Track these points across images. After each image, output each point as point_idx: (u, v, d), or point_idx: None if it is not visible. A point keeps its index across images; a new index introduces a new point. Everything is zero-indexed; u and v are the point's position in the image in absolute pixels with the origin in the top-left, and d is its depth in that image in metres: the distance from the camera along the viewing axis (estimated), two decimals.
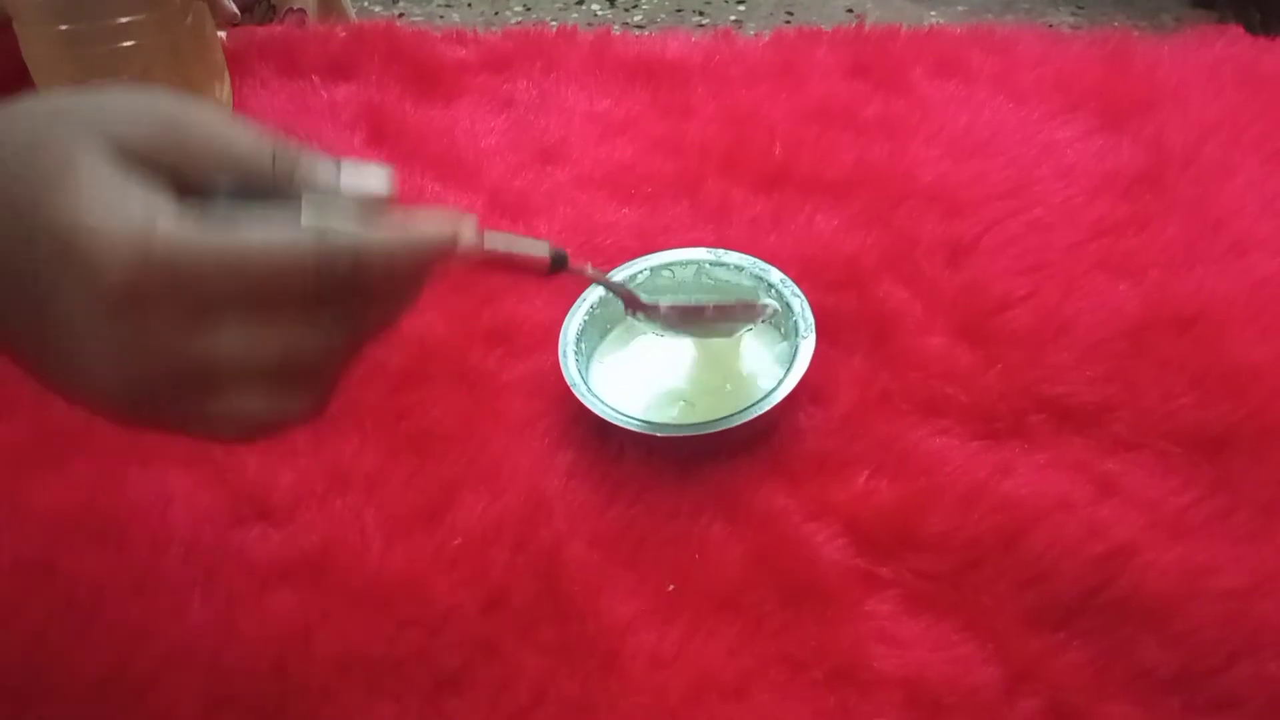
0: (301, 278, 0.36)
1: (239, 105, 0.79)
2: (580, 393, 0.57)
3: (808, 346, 0.57)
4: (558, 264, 0.47)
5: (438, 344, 0.63)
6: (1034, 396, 0.58)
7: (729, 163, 0.74)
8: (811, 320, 0.58)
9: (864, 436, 0.58)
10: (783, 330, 0.61)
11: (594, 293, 0.62)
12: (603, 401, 0.57)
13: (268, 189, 0.38)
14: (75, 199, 0.35)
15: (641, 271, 0.63)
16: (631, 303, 0.56)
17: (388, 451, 0.59)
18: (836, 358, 0.61)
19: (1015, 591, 0.51)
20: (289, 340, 0.37)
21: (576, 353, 0.59)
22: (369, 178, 0.39)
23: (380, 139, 0.77)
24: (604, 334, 0.63)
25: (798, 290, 0.60)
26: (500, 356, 0.63)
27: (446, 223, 0.39)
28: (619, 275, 0.63)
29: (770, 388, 0.56)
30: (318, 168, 0.39)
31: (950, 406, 0.58)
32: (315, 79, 0.81)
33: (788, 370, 0.57)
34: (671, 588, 0.52)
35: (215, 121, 0.38)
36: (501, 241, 0.44)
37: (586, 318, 0.61)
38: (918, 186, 0.70)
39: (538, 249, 0.46)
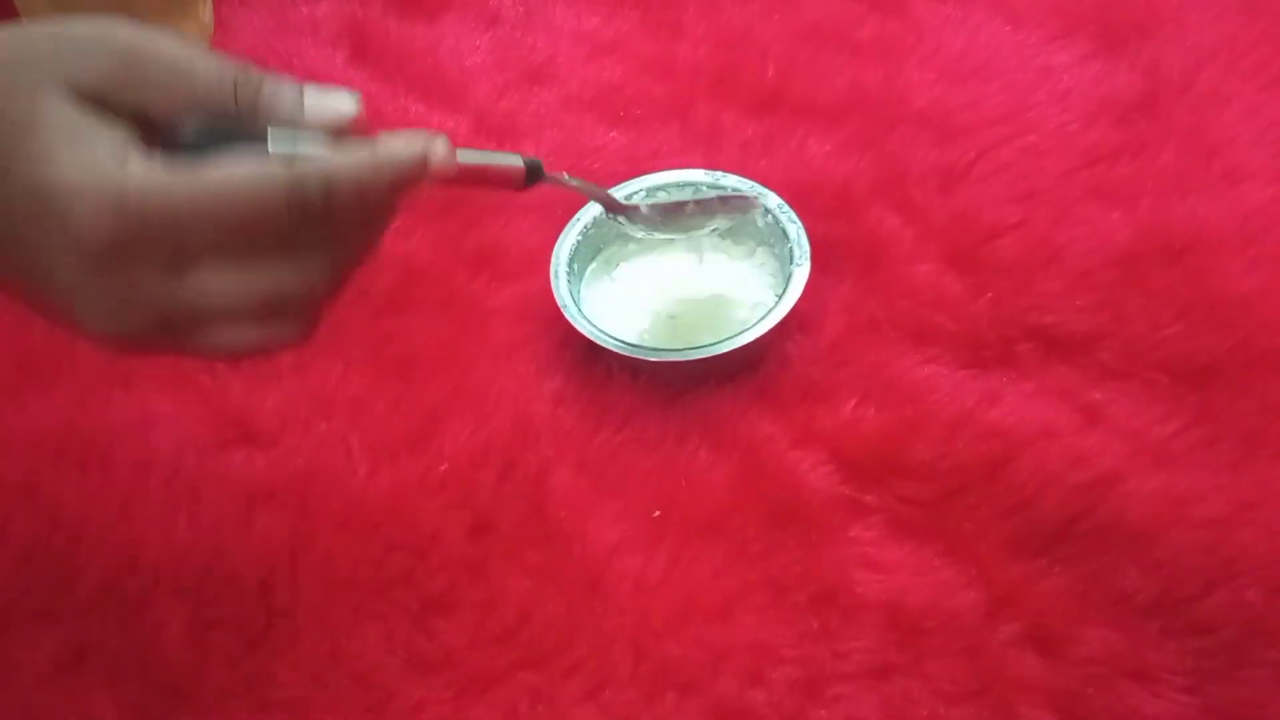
0: (275, 210, 0.36)
1: (220, 24, 0.77)
2: (571, 315, 0.57)
3: (801, 274, 0.57)
4: (533, 173, 0.46)
5: (422, 269, 0.63)
6: (1022, 325, 0.58)
7: (720, 85, 0.73)
8: (807, 248, 0.58)
9: (851, 364, 0.58)
10: (777, 255, 0.60)
11: (587, 214, 0.61)
12: (592, 324, 0.56)
13: (232, 120, 0.37)
14: (44, 156, 0.35)
15: (637, 192, 0.62)
16: (611, 206, 0.56)
17: (373, 376, 0.58)
18: (826, 285, 0.60)
19: (998, 518, 0.51)
20: (271, 275, 0.37)
21: (569, 274, 0.59)
22: (334, 101, 0.38)
23: (362, 57, 0.75)
24: (595, 256, 0.62)
25: (794, 217, 0.59)
26: (486, 281, 0.62)
27: (417, 142, 0.39)
28: (616, 195, 0.62)
29: (761, 314, 0.56)
30: (281, 94, 0.38)
31: (938, 335, 0.58)
32: None
33: (780, 297, 0.56)
34: (657, 514, 0.53)
35: (173, 52, 0.37)
36: (475, 157, 0.44)
37: (579, 238, 0.60)
38: (911, 111, 0.69)
39: (512, 160, 0.45)
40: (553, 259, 0.59)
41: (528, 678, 0.48)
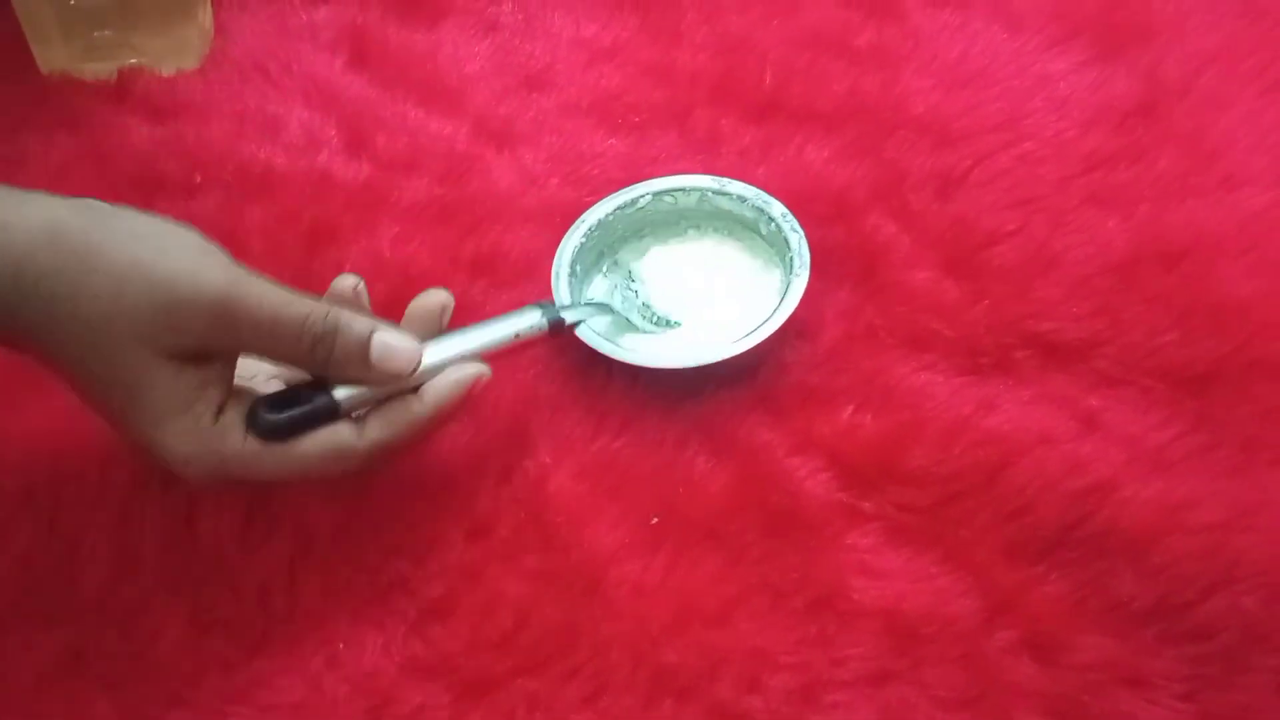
0: (346, 470, 0.48)
1: (219, 29, 0.77)
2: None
3: (800, 284, 0.57)
4: (556, 329, 0.53)
5: (421, 274, 0.63)
6: (1020, 332, 0.58)
7: (719, 92, 0.73)
8: (808, 258, 0.58)
9: (849, 370, 0.58)
10: (778, 263, 0.60)
11: (592, 216, 0.61)
12: (591, 329, 0.57)
13: (309, 368, 0.48)
14: (156, 421, 0.44)
15: (643, 196, 0.63)
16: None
17: None
18: (823, 291, 0.60)
19: (995, 525, 0.51)
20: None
21: (570, 276, 0.59)
22: (397, 357, 0.47)
23: (361, 63, 0.75)
24: (599, 259, 0.62)
25: (797, 225, 0.60)
26: (484, 287, 0.62)
27: (464, 379, 0.49)
28: (622, 198, 0.62)
29: (759, 322, 0.56)
30: (351, 353, 0.46)
31: (936, 341, 0.58)
32: (295, 0, 0.79)
33: (778, 306, 0.56)
34: (655, 520, 0.53)
35: (260, 312, 0.44)
36: (502, 333, 0.52)
37: (583, 240, 0.61)
38: (909, 117, 0.69)
39: (533, 320, 0.52)
40: (555, 260, 0.59)
41: (525, 683, 0.48)
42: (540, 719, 0.47)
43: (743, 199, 0.62)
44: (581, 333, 0.56)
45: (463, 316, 0.61)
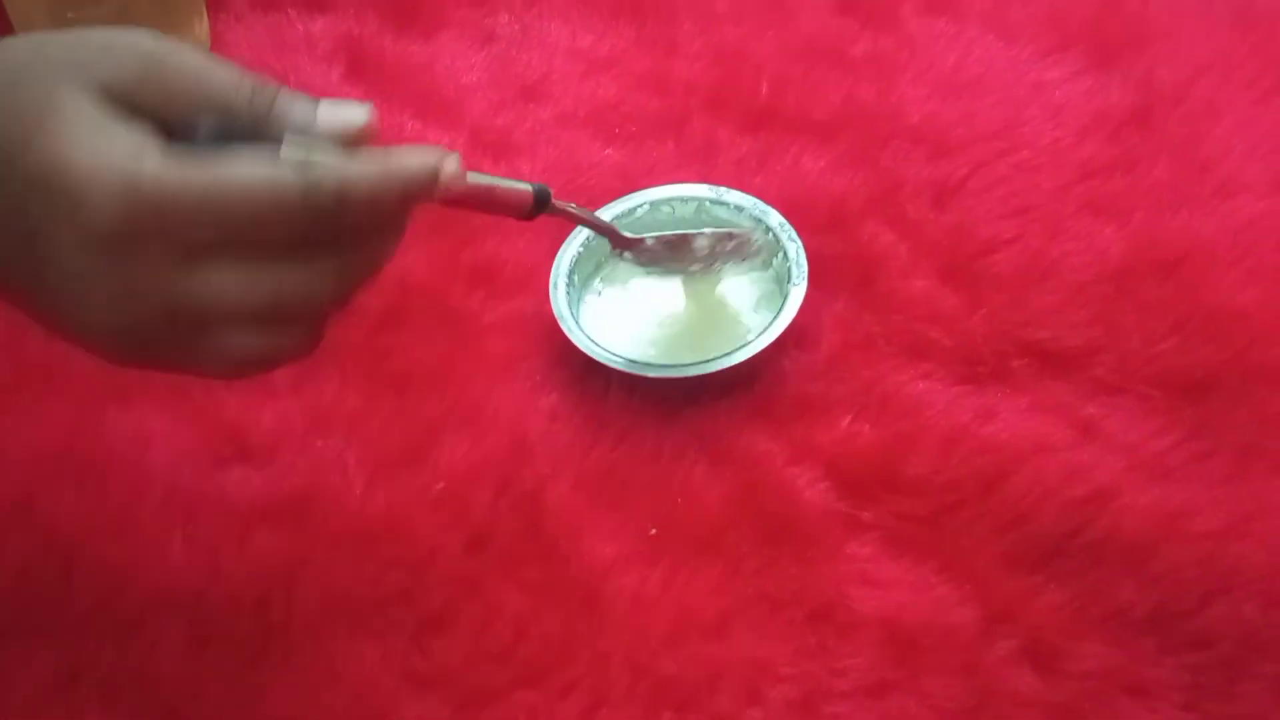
0: (287, 212, 0.36)
1: (216, 39, 0.77)
2: (567, 327, 0.57)
3: (798, 294, 0.57)
4: (540, 201, 0.47)
5: (418, 285, 0.63)
6: (1017, 340, 0.58)
7: (715, 102, 0.73)
8: (805, 268, 0.58)
9: (847, 380, 0.58)
10: (775, 273, 0.60)
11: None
12: (589, 338, 0.57)
13: (247, 127, 0.38)
14: (60, 138, 0.35)
15: (640, 206, 0.63)
16: (617, 240, 0.56)
17: (369, 393, 0.58)
18: (821, 300, 0.60)
19: (994, 534, 0.51)
20: (278, 279, 0.37)
21: (568, 285, 0.59)
22: (347, 112, 0.39)
23: (359, 73, 0.75)
24: (597, 269, 0.62)
25: (795, 235, 0.60)
26: (482, 298, 0.62)
27: (430, 155, 0.39)
28: (617, 209, 0.62)
29: (757, 331, 0.56)
30: (295, 103, 0.39)
31: (934, 350, 0.58)
32: (292, 12, 0.79)
33: (775, 316, 0.56)
34: (654, 530, 0.53)
35: (194, 60, 0.38)
36: (484, 179, 0.44)
37: (581, 250, 0.61)
38: (905, 126, 0.70)
39: (520, 186, 0.46)
40: (553, 270, 0.59)
41: (524, 696, 0.48)
42: None
43: (740, 208, 0.62)
44: (579, 340, 0.56)
45: (461, 325, 0.62)
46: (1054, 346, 0.58)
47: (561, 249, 0.61)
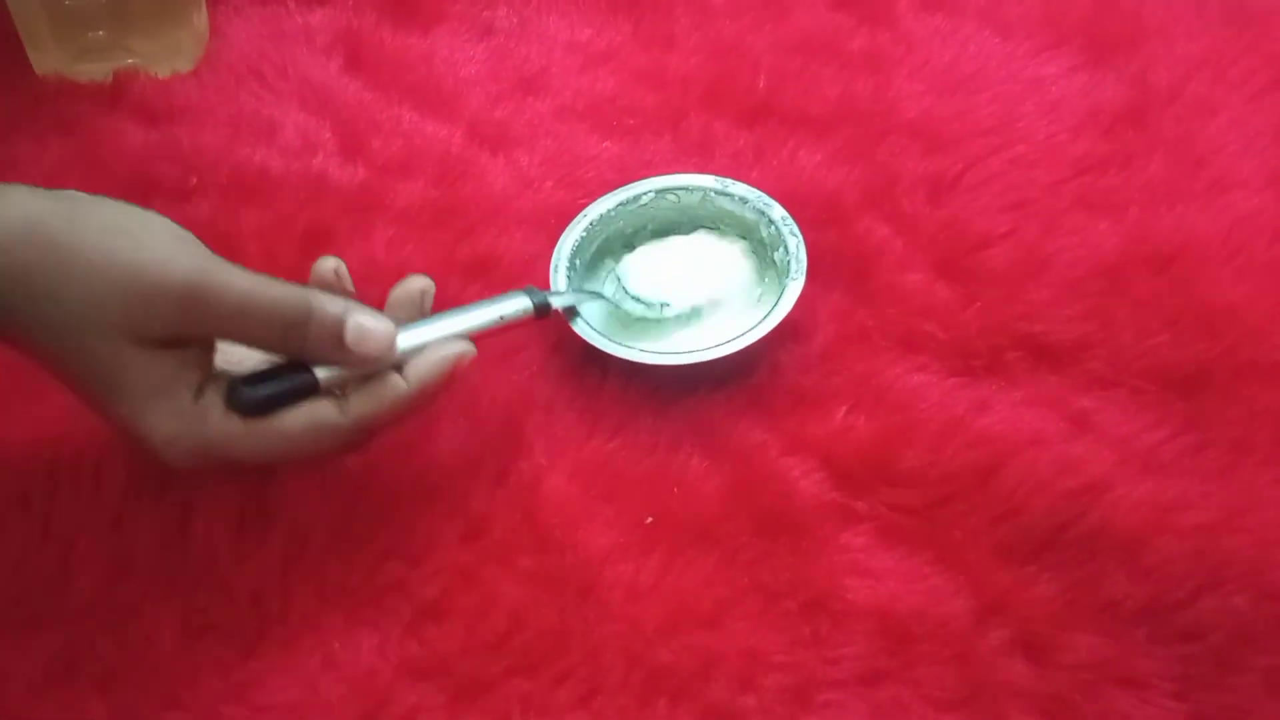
0: (333, 451, 0.48)
1: (214, 32, 0.77)
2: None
3: (795, 288, 0.57)
4: (542, 312, 0.53)
5: None
6: (1011, 334, 0.59)
7: (712, 96, 0.73)
8: (804, 263, 0.58)
9: (842, 372, 0.58)
10: (775, 266, 0.60)
11: (594, 210, 0.62)
12: (588, 324, 0.57)
13: (284, 353, 0.47)
14: (136, 408, 0.45)
15: (646, 193, 0.63)
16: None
17: None
18: (816, 293, 0.61)
19: (987, 526, 0.52)
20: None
21: (570, 270, 0.59)
22: (371, 340, 0.46)
23: (356, 66, 0.76)
24: (599, 255, 0.63)
25: (796, 230, 0.60)
26: (479, 290, 0.63)
27: (448, 356, 0.48)
28: (622, 195, 0.63)
29: (754, 323, 0.56)
30: (326, 336, 0.46)
31: (928, 343, 0.59)
32: (290, 4, 0.79)
33: (772, 308, 0.57)
34: (650, 520, 0.53)
35: (227, 295, 0.44)
36: (488, 316, 0.51)
37: (584, 235, 0.61)
38: (901, 121, 0.70)
39: (519, 304, 0.52)
40: (554, 254, 0.60)
41: (520, 685, 0.48)
42: None
43: (745, 200, 0.62)
44: (579, 328, 0.56)
45: None
46: (1048, 340, 0.58)
47: (565, 233, 0.61)
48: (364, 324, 0.46)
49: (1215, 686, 0.46)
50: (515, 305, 0.52)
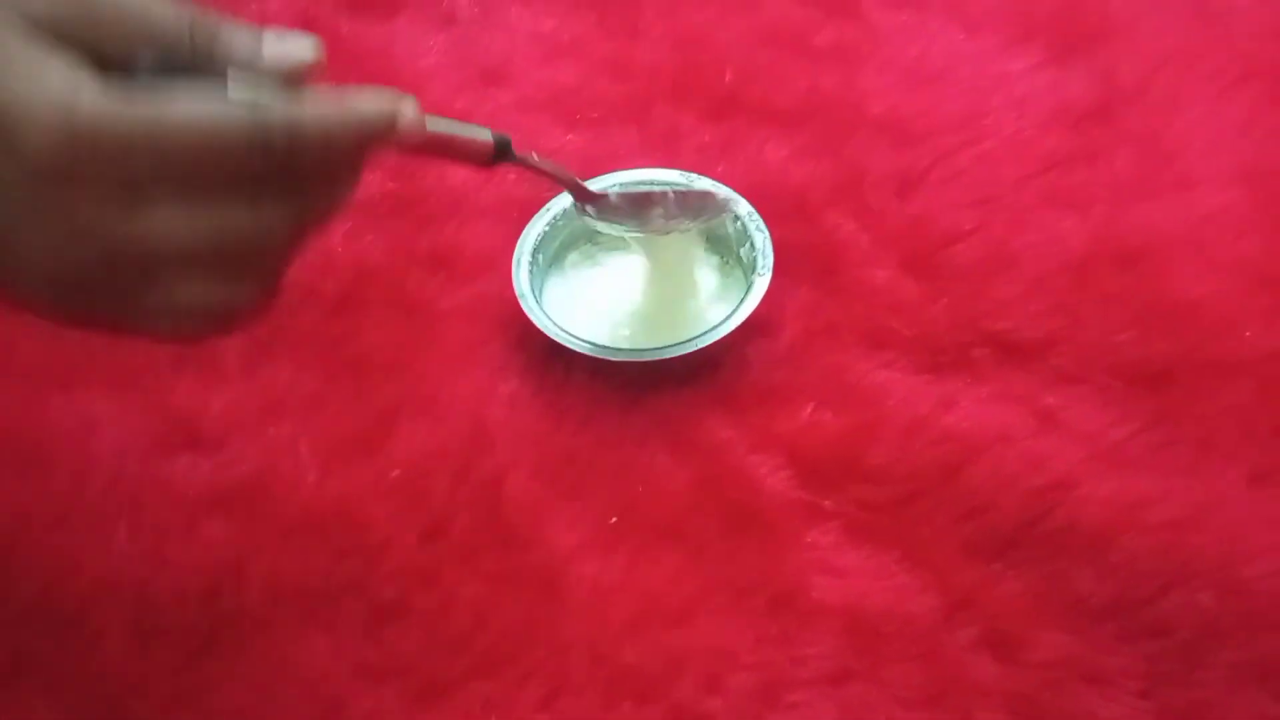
0: (235, 153, 0.34)
1: None
2: (528, 306, 0.56)
3: (762, 284, 0.57)
4: (501, 149, 0.45)
5: (375, 269, 0.62)
6: (978, 330, 0.58)
7: (678, 88, 0.72)
8: (771, 259, 0.58)
9: (809, 369, 0.57)
10: (741, 261, 0.60)
11: (557, 205, 0.61)
12: (550, 319, 0.56)
13: (188, 63, 0.36)
14: None
15: (612, 187, 0.62)
16: (579, 193, 0.55)
17: (323, 378, 0.57)
18: (783, 289, 0.60)
19: (954, 523, 0.51)
20: (226, 221, 0.35)
21: (531, 264, 0.58)
22: (294, 46, 0.37)
23: None
24: (562, 249, 0.62)
25: (762, 225, 0.59)
26: (440, 283, 0.61)
27: (387, 99, 0.38)
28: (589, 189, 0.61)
29: (720, 319, 0.55)
30: (239, 38, 0.36)
31: (895, 339, 0.58)
32: None
33: (739, 304, 0.56)
34: (614, 519, 0.52)
35: None
36: (444, 125, 0.42)
37: (546, 229, 0.60)
38: (868, 117, 0.69)
39: (481, 133, 0.44)
40: (516, 247, 0.59)
41: (481, 686, 0.47)
42: None
43: (710, 192, 0.61)
44: (539, 320, 0.55)
45: (419, 311, 0.61)
46: (1014, 337, 0.58)
47: (527, 227, 0.60)
48: (283, 32, 0.38)
49: (1182, 683, 0.46)
50: (478, 131, 0.45)
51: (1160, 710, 0.46)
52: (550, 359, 0.57)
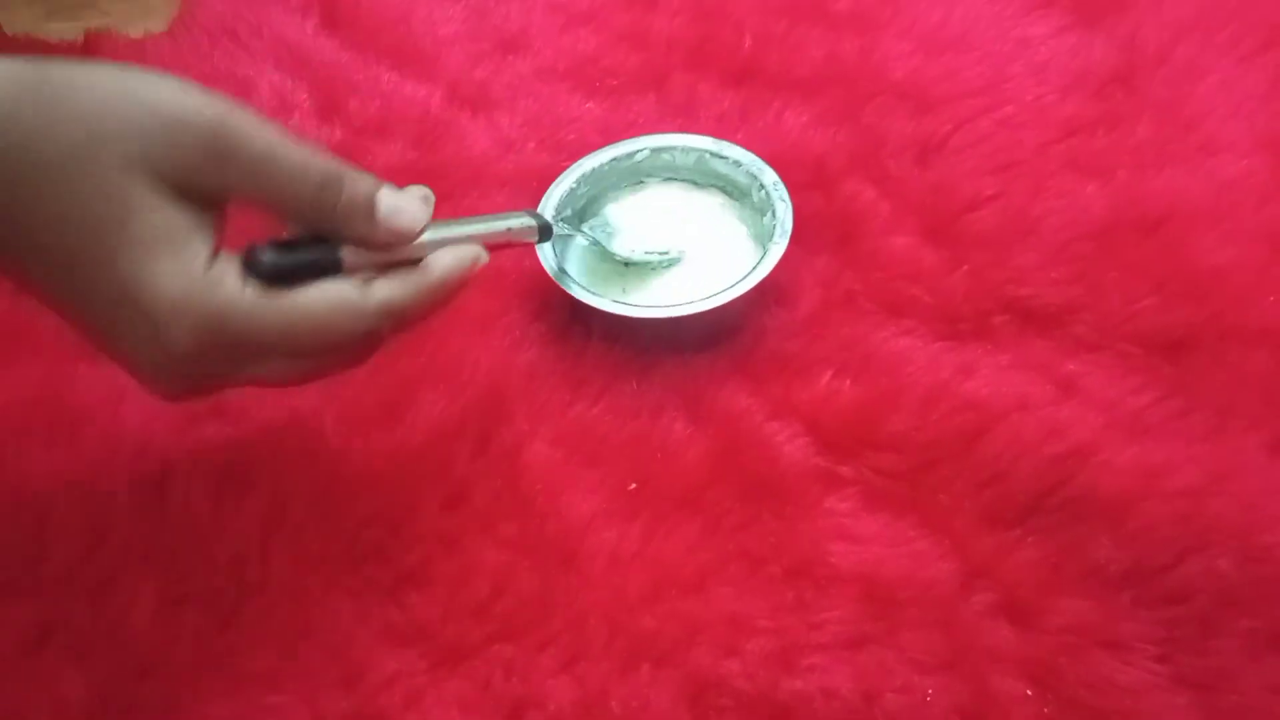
0: (350, 336, 0.42)
1: None
2: (543, 255, 0.57)
3: (777, 251, 0.57)
4: (544, 233, 0.51)
5: None
6: (998, 298, 0.58)
7: (696, 56, 0.72)
8: (789, 229, 0.58)
9: (827, 337, 0.57)
10: (762, 230, 0.60)
11: (586, 164, 0.61)
12: (568, 275, 0.56)
13: (312, 223, 0.42)
14: (140, 261, 0.38)
15: (641, 150, 0.62)
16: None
17: None
18: (801, 257, 0.60)
19: (973, 490, 0.51)
20: (325, 364, 0.44)
21: (557, 219, 0.59)
22: (405, 218, 0.43)
23: (333, 25, 0.74)
24: (588, 205, 0.62)
25: (786, 195, 0.59)
26: None
27: (466, 256, 0.45)
28: (618, 150, 0.62)
29: (739, 278, 0.55)
30: (359, 203, 0.42)
31: (915, 307, 0.58)
32: None
33: (756, 266, 0.56)
34: (633, 486, 0.52)
35: (259, 145, 0.39)
36: (498, 226, 0.49)
37: (574, 186, 0.60)
38: (888, 83, 0.69)
39: (523, 222, 0.50)
40: (541, 203, 0.59)
41: (502, 650, 0.47)
42: (516, 686, 0.46)
43: (738, 163, 0.61)
44: (563, 283, 0.56)
45: None
46: (1035, 304, 0.58)
47: (552, 186, 0.60)
48: (398, 199, 0.43)
49: (1198, 650, 0.46)
50: (521, 222, 0.50)
51: (1177, 676, 0.46)
52: (568, 329, 0.57)
